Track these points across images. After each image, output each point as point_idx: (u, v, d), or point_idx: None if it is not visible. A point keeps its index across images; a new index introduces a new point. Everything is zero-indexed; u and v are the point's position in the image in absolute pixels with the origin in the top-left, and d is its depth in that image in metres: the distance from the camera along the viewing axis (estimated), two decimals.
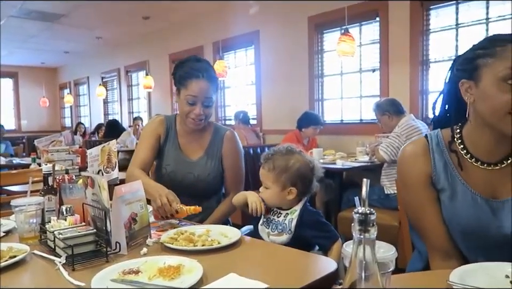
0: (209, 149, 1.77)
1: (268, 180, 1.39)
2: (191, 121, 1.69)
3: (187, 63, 1.72)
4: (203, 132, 1.79)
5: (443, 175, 1.09)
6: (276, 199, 1.39)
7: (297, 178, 1.38)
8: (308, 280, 0.91)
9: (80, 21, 6.25)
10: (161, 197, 1.39)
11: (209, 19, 5.89)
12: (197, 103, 1.66)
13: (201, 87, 1.65)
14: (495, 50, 0.97)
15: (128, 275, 0.93)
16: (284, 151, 1.42)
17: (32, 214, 1.24)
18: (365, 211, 0.56)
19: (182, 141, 1.78)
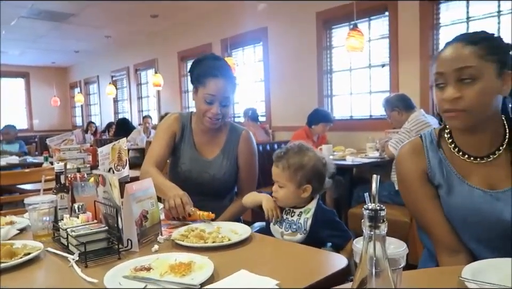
0: (225, 148, 1.75)
1: (282, 179, 1.38)
2: (208, 120, 1.67)
3: (205, 61, 1.70)
4: (219, 131, 1.77)
5: (438, 171, 1.11)
6: (291, 198, 1.38)
7: (312, 175, 1.37)
8: (318, 277, 0.91)
9: (89, 20, 6.30)
10: (175, 197, 1.38)
11: (217, 16, 5.89)
12: (215, 102, 1.64)
13: (219, 86, 1.63)
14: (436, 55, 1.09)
15: (140, 272, 0.94)
16: (296, 148, 1.41)
17: (45, 212, 1.26)
18: (374, 207, 0.56)
19: (198, 140, 1.77)
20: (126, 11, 5.84)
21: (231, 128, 1.80)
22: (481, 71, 1.00)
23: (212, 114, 1.65)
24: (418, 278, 0.89)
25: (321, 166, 1.40)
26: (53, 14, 5.85)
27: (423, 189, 1.13)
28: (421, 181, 1.13)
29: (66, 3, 5.38)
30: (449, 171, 1.10)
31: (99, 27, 6.80)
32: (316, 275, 0.92)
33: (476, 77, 1.00)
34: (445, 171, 1.10)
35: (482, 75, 1.00)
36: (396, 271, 0.68)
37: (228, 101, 1.68)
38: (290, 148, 1.41)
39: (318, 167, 1.39)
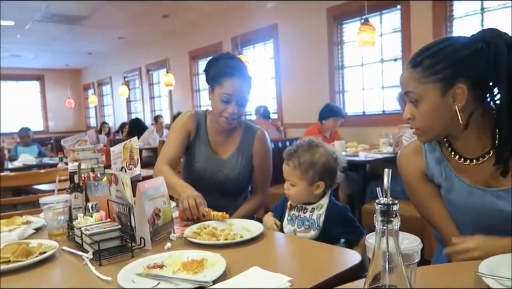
0: (240, 147, 1.74)
1: (293, 177, 1.36)
2: (224, 120, 1.65)
3: (221, 60, 1.69)
4: (234, 130, 1.75)
5: (437, 171, 1.13)
6: (303, 195, 1.37)
7: (324, 172, 1.35)
8: (331, 273, 0.90)
9: (101, 22, 6.37)
10: (189, 198, 1.36)
11: (227, 15, 5.90)
12: (231, 101, 1.62)
13: (236, 86, 1.62)
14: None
15: (153, 270, 0.95)
16: (306, 145, 1.39)
17: (60, 211, 1.28)
18: (387, 202, 0.55)
19: (212, 139, 1.75)
20: (138, 12, 5.89)
21: (246, 127, 1.79)
22: (421, 94, 1.02)
23: (228, 114, 1.63)
24: (433, 274, 0.88)
25: (333, 161, 1.38)
26: (66, 17, 5.93)
27: (424, 188, 1.17)
28: (421, 180, 1.17)
29: (78, 6, 5.45)
30: (448, 171, 1.11)
31: (111, 29, 6.88)
32: (329, 271, 0.91)
33: (418, 99, 1.03)
34: (443, 172, 1.11)
35: (423, 98, 1.02)
36: (410, 267, 0.67)
37: (244, 101, 1.67)
38: (300, 145, 1.39)
39: (330, 162, 1.37)
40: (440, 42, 1.03)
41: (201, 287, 0.83)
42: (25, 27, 6.33)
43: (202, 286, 0.83)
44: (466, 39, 1.01)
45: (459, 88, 0.98)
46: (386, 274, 0.56)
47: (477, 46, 0.98)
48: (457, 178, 1.09)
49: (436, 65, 0.99)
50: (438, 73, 0.99)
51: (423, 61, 1.01)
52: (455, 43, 1.01)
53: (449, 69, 0.98)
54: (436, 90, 1.00)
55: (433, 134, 1.08)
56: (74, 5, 5.41)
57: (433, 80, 1.00)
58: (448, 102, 1.00)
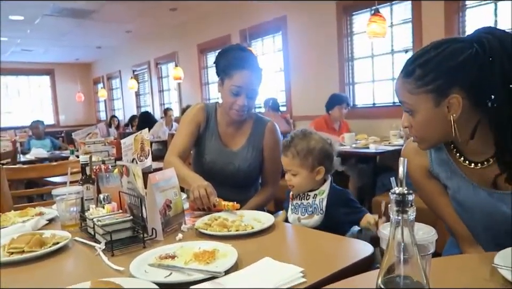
0: (250, 139, 1.73)
1: (294, 166, 1.38)
2: (234, 113, 1.65)
3: (231, 52, 1.67)
4: (244, 122, 1.75)
5: (442, 170, 1.11)
6: (306, 182, 1.38)
7: (322, 156, 1.38)
8: (343, 264, 0.90)
9: (110, 16, 6.39)
10: (199, 188, 1.37)
11: (235, 7, 5.86)
12: (241, 94, 1.61)
13: (246, 78, 1.61)
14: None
15: (165, 260, 0.95)
16: (301, 134, 1.41)
17: (72, 203, 1.29)
18: (402, 192, 0.54)
19: (222, 131, 1.75)
20: (146, 6, 5.88)
21: (256, 120, 1.78)
22: (415, 104, 0.99)
23: (238, 106, 1.62)
24: (447, 265, 0.87)
25: (328, 146, 1.41)
26: (75, 11, 5.95)
27: (430, 186, 1.16)
28: (426, 177, 1.16)
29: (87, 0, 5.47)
30: (454, 171, 1.08)
31: (120, 23, 6.89)
32: (341, 262, 0.91)
33: (413, 109, 1.00)
34: (449, 172, 1.09)
35: (417, 108, 0.99)
36: (425, 258, 0.66)
37: (255, 93, 1.66)
38: (295, 135, 1.42)
39: (326, 147, 1.40)
40: (432, 49, 0.97)
41: (213, 277, 0.83)
42: (35, 22, 6.37)
43: (215, 276, 0.83)
44: (459, 45, 0.94)
45: (453, 98, 0.93)
46: (401, 265, 0.55)
47: (471, 51, 0.92)
48: (463, 178, 1.06)
49: (427, 76, 0.95)
50: (429, 84, 0.95)
51: (414, 71, 0.97)
52: (446, 51, 0.94)
53: (441, 79, 0.94)
54: (429, 101, 0.96)
55: (432, 142, 1.06)
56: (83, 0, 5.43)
57: (425, 91, 0.95)
58: (443, 112, 0.95)
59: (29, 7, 5.61)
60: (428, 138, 1.04)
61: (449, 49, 0.94)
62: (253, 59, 1.67)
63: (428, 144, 1.07)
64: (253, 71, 1.63)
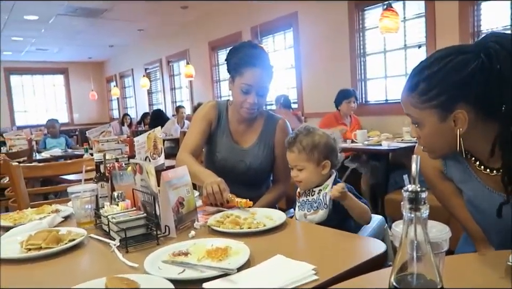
0: (261, 137, 1.73)
1: (300, 161, 1.40)
2: (244, 111, 1.65)
3: (242, 49, 1.66)
4: (255, 120, 1.75)
5: (456, 173, 1.09)
6: (313, 177, 1.39)
7: (328, 151, 1.40)
8: (355, 262, 0.90)
9: (122, 15, 6.44)
10: (212, 184, 1.38)
11: (246, 4, 5.85)
12: (251, 92, 1.61)
13: (256, 76, 1.60)
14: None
15: (178, 257, 0.96)
16: (305, 131, 1.43)
17: (87, 200, 1.31)
18: (415, 189, 0.54)
19: (234, 128, 1.75)
20: (158, 4, 5.92)
21: (268, 117, 1.78)
22: (420, 118, 0.97)
23: (248, 104, 1.63)
24: (461, 263, 0.86)
25: (333, 141, 1.43)
26: (88, 10, 6.02)
27: (443, 186, 1.15)
28: (439, 178, 1.15)
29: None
30: (469, 175, 1.06)
31: (131, 21, 6.95)
32: (353, 260, 0.91)
33: (419, 123, 0.98)
34: (464, 175, 1.07)
35: (423, 122, 0.97)
36: (439, 255, 0.65)
37: (265, 91, 1.66)
38: (299, 132, 1.44)
39: (330, 142, 1.42)
40: (435, 62, 0.93)
41: (225, 274, 0.84)
42: (49, 21, 6.46)
43: (227, 273, 0.84)
44: (463, 57, 0.90)
45: (459, 113, 0.91)
46: (414, 263, 0.55)
47: (476, 64, 0.88)
48: (479, 183, 1.04)
49: (430, 92, 0.92)
50: (434, 100, 0.92)
51: (418, 85, 0.94)
52: (449, 65, 0.90)
53: (445, 95, 0.91)
54: (434, 116, 0.94)
55: (442, 153, 1.04)
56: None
57: (430, 106, 0.93)
58: (450, 126, 0.93)
59: (43, 7, 5.70)
60: (437, 150, 1.02)
61: (453, 63, 0.91)
62: (264, 56, 1.66)
63: (438, 155, 1.05)
64: (263, 68, 1.63)
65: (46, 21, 6.46)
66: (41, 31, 7.10)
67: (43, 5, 5.58)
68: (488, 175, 1.01)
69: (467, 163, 1.05)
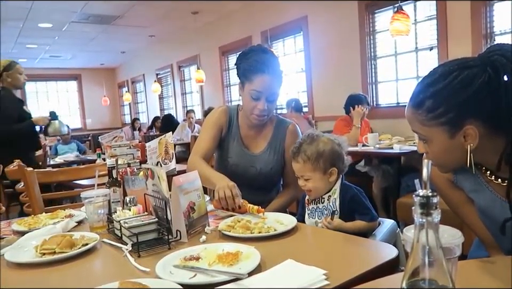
0: (271, 142, 1.73)
1: (306, 171, 1.38)
2: (254, 117, 1.65)
3: (251, 54, 1.63)
4: (265, 125, 1.75)
5: (467, 183, 1.07)
6: (321, 186, 1.38)
7: (334, 158, 1.38)
8: (366, 267, 0.89)
9: (133, 21, 6.53)
10: (225, 189, 1.37)
11: (256, 9, 5.88)
12: (261, 98, 1.60)
13: (266, 83, 1.58)
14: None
15: (189, 262, 0.97)
16: (308, 139, 1.41)
17: (100, 205, 1.33)
18: (426, 194, 0.54)
19: (244, 134, 1.75)
20: (168, 9, 5.98)
21: (278, 122, 1.77)
22: (428, 135, 0.95)
23: (258, 110, 1.62)
24: (475, 268, 0.85)
25: (338, 147, 1.41)
26: (100, 17, 6.12)
27: (453, 195, 1.14)
28: (449, 188, 1.14)
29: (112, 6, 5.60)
30: (480, 184, 1.04)
31: (143, 27, 7.03)
32: (364, 265, 0.90)
33: (427, 140, 0.96)
34: (474, 185, 1.05)
35: (431, 139, 0.95)
36: (451, 261, 0.65)
37: (275, 96, 1.65)
38: (303, 141, 1.42)
39: (335, 148, 1.40)
40: (440, 78, 0.91)
41: (236, 279, 0.84)
42: (63, 29, 6.58)
43: (238, 278, 0.84)
44: (469, 72, 0.88)
45: (469, 129, 0.89)
46: (426, 269, 0.54)
47: (483, 78, 0.86)
48: (490, 192, 1.02)
49: (438, 109, 0.90)
50: (442, 117, 0.90)
51: (424, 102, 0.92)
52: (455, 82, 0.88)
53: (453, 112, 0.89)
54: (443, 133, 0.92)
55: (451, 167, 1.02)
56: (108, 5, 5.56)
57: (438, 123, 0.91)
58: (460, 142, 0.91)
59: (57, 15, 5.81)
60: (446, 165, 1.01)
61: (458, 79, 0.88)
62: (273, 62, 1.63)
63: (447, 170, 1.04)
64: (273, 74, 1.61)
65: (59, 29, 6.58)
66: (55, 38, 7.24)
67: (57, 12, 5.69)
68: (499, 184, 0.99)
69: (478, 173, 1.03)
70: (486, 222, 1.08)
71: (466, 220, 1.15)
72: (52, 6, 5.40)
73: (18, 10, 5.41)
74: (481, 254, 1.14)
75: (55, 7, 5.44)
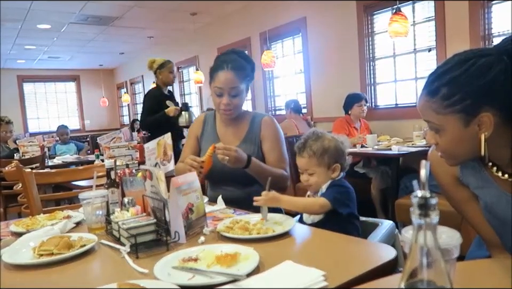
0: (247, 135, 1.80)
1: (311, 165, 1.43)
2: (222, 112, 1.75)
3: (220, 56, 1.78)
4: (241, 121, 1.83)
5: (473, 179, 1.06)
6: (323, 180, 1.42)
7: (338, 154, 1.44)
8: (365, 268, 0.89)
9: (132, 22, 6.52)
10: (186, 164, 1.53)
11: (255, 10, 5.88)
12: (224, 94, 1.71)
13: (226, 78, 1.69)
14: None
15: (187, 263, 0.97)
16: (314, 136, 1.47)
17: (98, 206, 1.32)
18: (425, 195, 0.54)
19: (221, 132, 1.84)
20: (166, 11, 5.98)
21: (254, 116, 1.85)
22: (442, 124, 0.93)
23: (223, 105, 1.72)
24: (473, 269, 0.85)
25: (341, 145, 1.47)
26: (99, 18, 6.11)
27: (459, 193, 1.13)
28: (454, 185, 1.12)
29: (110, 7, 5.60)
30: (486, 180, 1.03)
31: (141, 29, 7.03)
32: (363, 266, 0.90)
33: (440, 129, 0.95)
34: (480, 181, 1.04)
35: (445, 128, 0.94)
36: (449, 262, 0.65)
37: (237, 91, 1.72)
38: (308, 137, 1.47)
39: (339, 146, 1.46)
40: (456, 66, 0.91)
41: (235, 280, 0.84)
42: (62, 30, 6.57)
43: (236, 279, 0.84)
44: (485, 60, 0.88)
45: (484, 116, 0.89)
46: (424, 270, 0.54)
47: (500, 66, 0.86)
48: (496, 188, 1.01)
49: (454, 96, 0.90)
50: (457, 104, 0.90)
51: (439, 90, 0.92)
52: (472, 69, 0.88)
53: (469, 99, 0.89)
54: (458, 121, 0.91)
55: (461, 159, 1.01)
56: (107, 6, 5.56)
57: (453, 111, 0.91)
58: (474, 130, 0.91)
59: (55, 16, 5.80)
60: (457, 156, 1.00)
61: (475, 66, 0.89)
62: (235, 58, 1.74)
63: (457, 162, 1.03)
64: (234, 70, 1.70)
65: (58, 30, 6.57)
66: (54, 39, 7.23)
67: (55, 14, 5.69)
68: (506, 180, 0.98)
69: (484, 169, 1.03)
70: (491, 219, 1.07)
71: (469, 218, 1.14)
72: (51, 7, 5.40)
73: (16, 11, 5.40)
74: (481, 254, 1.14)
75: (53, 8, 5.43)
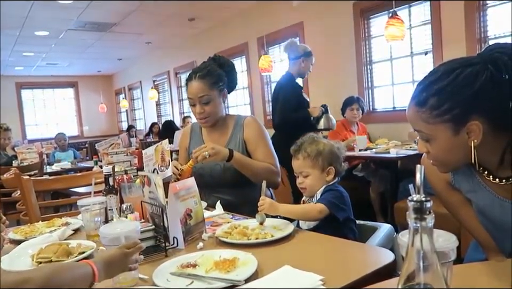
0: (231, 138, 1.83)
1: (306, 167, 1.44)
2: (199, 121, 1.81)
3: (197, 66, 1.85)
4: (225, 126, 1.86)
5: (465, 184, 1.07)
6: (318, 184, 1.43)
7: (332, 157, 1.45)
8: (363, 272, 0.89)
9: (130, 28, 6.54)
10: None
11: (253, 15, 5.91)
12: (196, 103, 1.76)
13: (193, 88, 1.75)
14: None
15: (186, 269, 0.97)
16: (309, 139, 1.49)
17: (97, 213, 1.32)
18: (420, 199, 0.54)
19: (207, 138, 1.88)
20: (164, 16, 6.00)
21: (236, 119, 1.88)
22: (432, 133, 0.94)
23: (198, 114, 1.77)
24: (470, 272, 0.85)
25: (337, 150, 1.48)
26: (97, 24, 6.12)
27: (452, 198, 1.14)
28: (447, 190, 1.14)
29: (108, 13, 5.62)
30: (478, 184, 1.04)
31: (139, 34, 7.04)
32: (361, 270, 0.90)
33: (430, 138, 0.96)
34: (473, 185, 1.05)
35: (435, 137, 0.95)
36: (446, 265, 0.65)
37: (208, 99, 1.75)
38: (304, 140, 1.49)
39: (334, 150, 1.47)
40: (443, 75, 0.92)
41: (233, 286, 0.84)
42: (60, 36, 6.58)
43: (235, 285, 0.84)
44: (472, 69, 0.89)
45: (473, 124, 0.90)
46: (421, 273, 0.54)
47: (486, 75, 0.88)
48: (488, 192, 1.02)
49: (442, 106, 0.91)
50: (446, 114, 0.91)
51: (428, 100, 0.92)
52: (459, 79, 0.90)
53: (458, 109, 0.90)
54: (447, 130, 0.92)
55: (452, 167, 1.02)
56: (104, 12, 5.58)
57: (442, 120, 0.91)
58: (463, 139, 0.92)
59: (53, 23, 5.81)
60: (448, 164, 1.01)
61: (462, 75, 0.90)
62: (204, 67, 1.80)
63: (448, 169, 1.04)
64: (200, 78, 1.75)
65: (56, 36, 6.58)
66: (52, 46, 7.23)
67: (53, 20, 5.70)
68: (497, 184, 0.99)
69: (475, 174, 1.04)
70: (485, 223, 1.08)
71: (464, 222, 1.15)
72: (49, 14, 5.41)
73: (14, 18, 5.41)
74: (478, 257, 1.14)
75: (51, 15, 5.45)
